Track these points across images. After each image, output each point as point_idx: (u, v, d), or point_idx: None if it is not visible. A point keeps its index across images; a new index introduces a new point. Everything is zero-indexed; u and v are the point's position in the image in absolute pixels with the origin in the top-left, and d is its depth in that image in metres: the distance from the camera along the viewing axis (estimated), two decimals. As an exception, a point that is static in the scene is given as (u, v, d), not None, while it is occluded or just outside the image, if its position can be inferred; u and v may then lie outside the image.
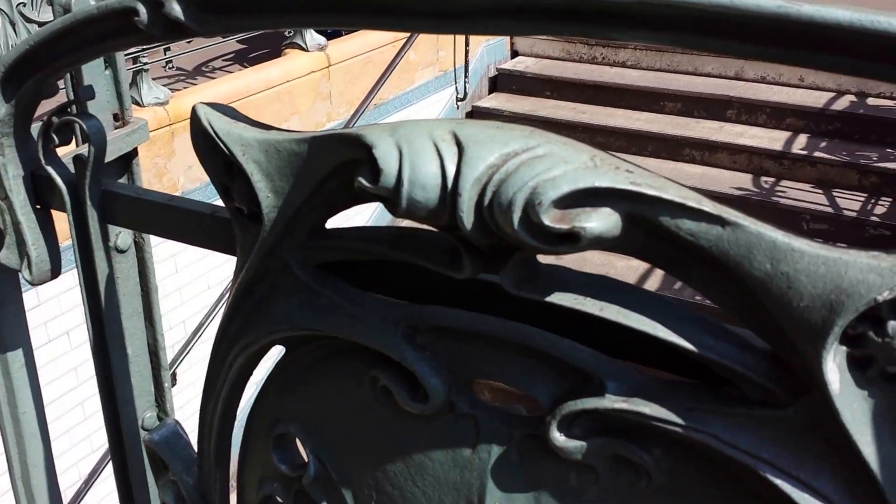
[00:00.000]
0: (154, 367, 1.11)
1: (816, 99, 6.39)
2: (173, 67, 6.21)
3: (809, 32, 0.49)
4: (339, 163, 0.61)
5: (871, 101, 6.35)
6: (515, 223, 0.53)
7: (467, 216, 0.55)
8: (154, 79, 5.03)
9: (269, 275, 0.71)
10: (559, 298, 0.59)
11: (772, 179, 6.13)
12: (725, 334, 0.57)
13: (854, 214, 5.76)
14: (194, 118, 0.67)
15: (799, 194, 5.95)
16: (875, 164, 5.92)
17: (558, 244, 0.54)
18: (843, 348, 0.52)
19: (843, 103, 6.33)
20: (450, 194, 0.55)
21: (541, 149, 0.54)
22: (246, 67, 5.90)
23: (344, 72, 5.86)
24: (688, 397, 0.59)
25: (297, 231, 0.68)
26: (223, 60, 6.55)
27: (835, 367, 0.52)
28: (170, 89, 5.09)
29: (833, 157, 6.03)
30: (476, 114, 7.06)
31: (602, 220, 0.53)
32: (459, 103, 6.95)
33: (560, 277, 0.60)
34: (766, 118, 6.46)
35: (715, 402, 0.58)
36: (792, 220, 5.82)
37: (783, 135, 6.33)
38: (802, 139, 6.28)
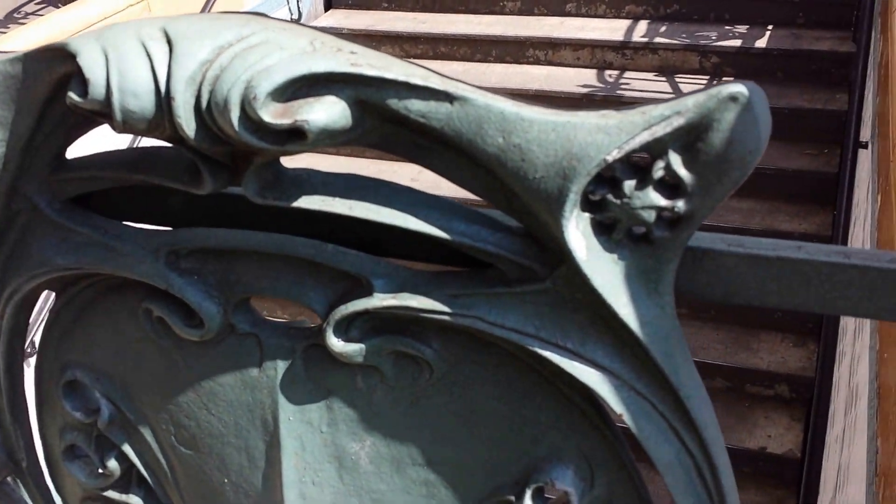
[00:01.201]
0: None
1: (654, -18, 6.49)
2: (-24, 18, 5.74)
3: None
4: (56, 80, 0.55)
5: (707, -22, 6.48)
6: (235, 123, 0.49)
7: (186, 122, 0.51)
8: (-41, 30, 4.64)
9: (18, 217, 0.66)
10: (306, 202, 0.56)
11: (616, 72, 6.23)
12: (477, 218, 0.56)
13: (698, 98, 5.92)
14: None
15: (643, 84, 6.05)
16: (715, 45, 6.08)
17: (286, 142, 0.51)
18: (586, 215, 0.52)
19: (679, -18, 6.43)
20: (164, 99, 0.50)
21: (256, 37, 0.50)
22: (60, 8, 5.49)
23: (165, 1, 5.54)
24: (453, 285, 0.58)
25: (35, 165, 0.63)
26: (35, 4, 6.09)
27: (579, 235, 0.52)
28: (-22, 40, 4.69)
29: (674, 42, 6.16)
30: (318, 34, 6.83)
31: (326, 110, 0.49)
32: (298, 25, 6.71)
33: (307, 180, 0.57)
34: (606, 8, 6.52)
35: (478, 285, 0.57)
36: (638, 110, 5.91)
37: (623, 24, 6.41)
38: (643, 26, 6.38)
